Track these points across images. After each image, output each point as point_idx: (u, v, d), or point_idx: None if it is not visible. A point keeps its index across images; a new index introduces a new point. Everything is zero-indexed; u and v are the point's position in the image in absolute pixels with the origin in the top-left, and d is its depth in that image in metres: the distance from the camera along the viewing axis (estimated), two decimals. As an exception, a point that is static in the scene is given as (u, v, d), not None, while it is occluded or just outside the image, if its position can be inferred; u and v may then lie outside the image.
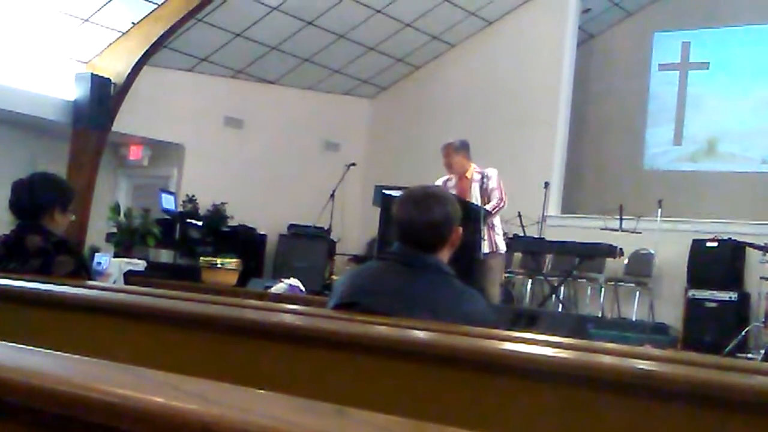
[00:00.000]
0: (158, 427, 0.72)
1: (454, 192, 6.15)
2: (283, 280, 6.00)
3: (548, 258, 9.81)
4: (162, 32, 9.07)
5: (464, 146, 6.46)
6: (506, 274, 8.79)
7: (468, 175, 6.42)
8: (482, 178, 6.38)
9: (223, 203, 10.23)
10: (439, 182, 6.35)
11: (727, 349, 7.55)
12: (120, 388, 0.76)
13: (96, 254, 7.20)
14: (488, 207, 6.24)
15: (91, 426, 0.76)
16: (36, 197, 3.37)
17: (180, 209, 9.79)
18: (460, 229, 2.49)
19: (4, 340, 0.98)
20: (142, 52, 9.19)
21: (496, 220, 6.43)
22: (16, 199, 3.39)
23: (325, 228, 10.00)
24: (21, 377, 0.81)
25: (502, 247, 6.51)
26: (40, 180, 3.47)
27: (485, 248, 6.23)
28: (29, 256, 3.25)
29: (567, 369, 1.58)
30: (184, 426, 0.70)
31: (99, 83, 9.17)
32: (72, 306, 2.28)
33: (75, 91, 9.26)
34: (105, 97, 9.21)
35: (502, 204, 6.32)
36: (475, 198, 6.33)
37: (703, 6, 10.92)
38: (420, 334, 1.87)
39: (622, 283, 9.63)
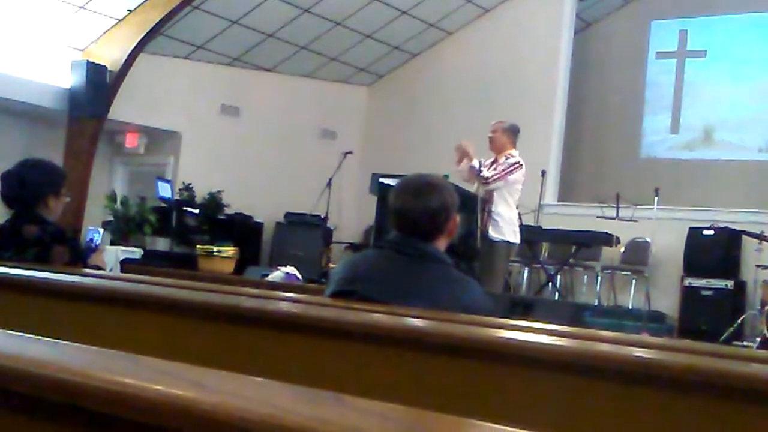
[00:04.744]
0: (157, 415, 0.72)
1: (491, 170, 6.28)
2: (279, 268, 6.00)
3: (545, 246, 9.81)
4: (158, 19, 9.03)
5: (512, 130, 6.45)
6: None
7: (500, 158, 6.37)
8: (506, 160, 6.32)
9: (219, 191, 10.21)
10: (488, 162, 6.38)
11: (723, 337, 7.57)
12: (119, 375, 0.76)
13: (88, 229, 7.15)
14: (484, 173, 6.20)
15: (91, 414, 0.76)
16: (27, 188, 3.31)
17: (176, 197, 9.77)
18: (458, 217, 2.49)
19: (3, 329, 0.99)
20: (139, 40, 9.15)
21: (505, 212, 6.30)
22: (7, 190, 3.34)
23: (322, 216, 9.99)
24: (21, 365, 0.81)
25: (512, 239, 6.34)
26: (29, 169, 3.38)
27: (492, 234, 6.20)
28: (26, 246, 3.24)
29: (564, 357, 1.58)
30: (183, 414, 0.70)
31: (95, 70, 9.13)
32: (70, 294, 2.28)
33: (71, 78, 9.22)
34: (101, 85, 9.16)
35: (488, 180, 6.21)
36: None
37: (700, -6, 10.91)
38: (417, 322, 1.88)
39: (618, 272, 9.64)
